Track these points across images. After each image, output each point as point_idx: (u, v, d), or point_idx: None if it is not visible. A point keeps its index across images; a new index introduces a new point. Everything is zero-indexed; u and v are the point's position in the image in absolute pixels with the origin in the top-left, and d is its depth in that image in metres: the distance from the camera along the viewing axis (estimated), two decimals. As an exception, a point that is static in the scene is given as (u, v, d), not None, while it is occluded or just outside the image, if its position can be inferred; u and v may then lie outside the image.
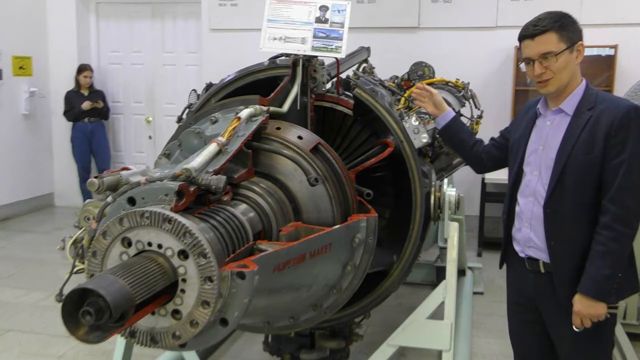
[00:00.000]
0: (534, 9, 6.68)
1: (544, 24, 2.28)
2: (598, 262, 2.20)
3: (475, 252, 6.21)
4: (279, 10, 2.77)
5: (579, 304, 2.25)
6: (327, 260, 2.16)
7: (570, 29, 2.28)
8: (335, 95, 2.90)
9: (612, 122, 2.19)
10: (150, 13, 7.93)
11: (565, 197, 2.27)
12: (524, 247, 2.45)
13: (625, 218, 2.18)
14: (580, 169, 2.24)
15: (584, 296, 2.23)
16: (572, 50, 2.28)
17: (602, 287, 2.21)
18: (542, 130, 2.41)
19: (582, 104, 2.30)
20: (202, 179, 1.83)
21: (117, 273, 1.41)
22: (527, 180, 2.43)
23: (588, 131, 2.23)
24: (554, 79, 2.30)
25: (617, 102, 2.28)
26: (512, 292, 2.64)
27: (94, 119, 7.65)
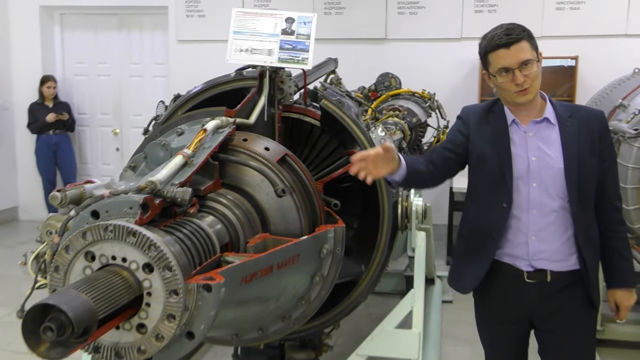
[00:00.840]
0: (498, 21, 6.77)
1: (516, 33, 2.23)
2: (626, 255, 2.36)
3: (444, 260, 6.26)
4: (245, 22, 2.77)
5: (623, 296, 2.39)
6: (295, 271, 2.16)
7: (534, 38, 2.29)
8: (303, 107, 2.91)
9: (600, 126, 2.31)
10: (116, 24, 7.85)
11: (587, 202, 2.30)
12: (531, 260, 2.32)
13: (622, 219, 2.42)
14: (590, 173, 2.28)
15: (626, 289, 2.37)
16: (537, 59, 2.27)
17: (634, 277, 2.37)
18: (525, 141, 2.31)
19: (559, 113, 2.33)
20: (167, 191, 1.82)
21: (80, 288, 1.39)
22: (525, 193, 2.30)
23: (585, 136, 2.28)
24: (532, 87, 2.25)
25: (589, 109, 2.44)
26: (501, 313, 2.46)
27: (59, 131, 7.53)
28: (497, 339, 2.53)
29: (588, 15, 6.51)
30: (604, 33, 6.50)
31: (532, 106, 2.32)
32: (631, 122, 3.78)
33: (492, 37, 2.26)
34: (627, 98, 4.34)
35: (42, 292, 1.69)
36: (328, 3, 7.03)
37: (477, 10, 6.74)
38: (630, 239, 3.84)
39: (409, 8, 6.90)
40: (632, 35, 6.43)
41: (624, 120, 4.00)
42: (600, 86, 5.90)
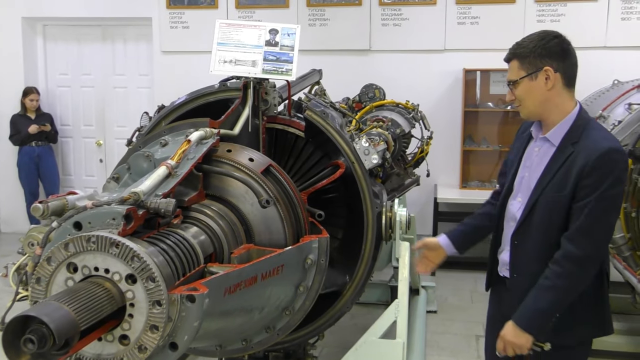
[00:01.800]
0: (480, 33, 6.86)
1: (510, 51, 2.27)
2: (538, 294, 2.17)
3: (429, 271, 6.28)
4: (229, 33, 2.78)
5: (507, 329, 2.23)
6: (279, 281, 2.16)
7: (535, 55, 2.19)
8: (287, 118, 2.92)
9: (586, 163, 2.11)
10: (100, 35, 7.82)
11: (532, 233, 2.24)
12: (502, 268, 2.42)
13: (578, 259, 2.12)
14: (549, 207, 2.19)
15: (513, 323, 2.21)
16: (533, 78, 2.19)
17: (532, 320, 2.18)
18: (531, 155, 2.34)
19: (568, 136, 2.21)
20: (150, 202, 1.82)
21: (61, 299, 1.38)
22: (510, 204, 2.37)
23: (565, 168, 2.16)
24: (522, 106, 2.26)
25: (597, 141, 2.15)
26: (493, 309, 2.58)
27: (42, 143, 7.46)
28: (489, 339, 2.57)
29: (568, 27, 6.59)
30: (584, 45, 6.54)
31: (546, 122, 2.27)
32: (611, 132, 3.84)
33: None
34: (607, 109, 4.41)
35: (24, 304, 1.68)
36: (312, 14, 7.07)
37: (460, 22, 6.80)
38: (611, 248, 3.89)
39: (393, 20, 6.95)
40: (611, 48, 6.53)
41: (604, 130, 4.05)
42: (581, 97, 5.98)
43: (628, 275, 3.72)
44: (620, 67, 6.18)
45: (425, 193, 6.64)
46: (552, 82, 2.19)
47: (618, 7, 6.51)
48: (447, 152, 6.77)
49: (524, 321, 2.19)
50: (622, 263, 3.84)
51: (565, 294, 2.15)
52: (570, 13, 6.60)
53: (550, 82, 2.19)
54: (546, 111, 2.24)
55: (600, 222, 2.13)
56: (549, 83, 2.19)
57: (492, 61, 6.61)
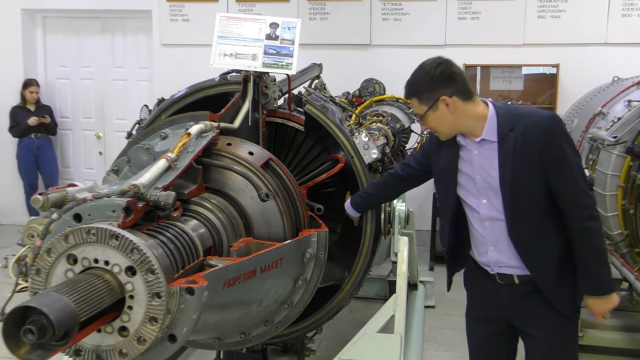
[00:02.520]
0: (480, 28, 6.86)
1: (407, 91, 2.43)
2: (590, 263, 2.30)
3: (428, 266, 6.29)
4: (230, 26, 2.78)
5: (596, 306, 2.37)
6: (278, 275, 2.17)
7: (429, 89, 2.32)
8: (287, 112, 2.92)
9: (540, 134, 2.24)
10: (99, 28, 7.80)
11: (525, 219, 2.31)
12: (494, 267, 2.44)
13: (590, 215, 2.28)
14: (528, 189, 2.28)
15: (595, 297, 2.35)
16: (435, 108, 2.31)
17: (605, 284, 2.33)
18: (471, 160, 2.39)
19: (501, 127, 2.30)
20: (150, 195, 1.82)
21: (61, 290, 1.38)
22: (477, 207, 2.41)
23: (520, 152, 2.26)
24: (438, 132, 2.40)
25: (533, 115, 2.30)
26: (476, 309, 2.61)
27: (41, 135, 7.46)
28: (475, 335, 2.62)
29: (569, 23, 6.60)
30: (584, 41, 6.59)
31: (472, 130, 2.35)
32: (610, 129, 3.83)
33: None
34: (606, 106, 4.40)
35: (23, 295, 1.68)
36: (313, 9, 7.06)
37: (461, 18, 6.79)
38: (609, 245, 3.90)
39: (393, 14, 6.94)
40: (611, 44, 6.53)
41: (603, 127, 4.05)
42: (581, 93, 6.00)
43: (625, 272, 3.72)
44: (620, 63, 6.19)
45: (425, 188, 6.55)
46: (453, 106, 2.30)
47: (619, 3, 6.51)
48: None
49: (600, 291, 2.34)
50: (620, 260, 3.85)
51: (602, 246, 2.31)
52: (571, 9, 6.60)
53: (451, 107, 2.30)
54: (462, 127, 2.35)
55: (582, 179, 2.29)
56: (451, 107, 2.30)
57: (492, 57, 6.63)
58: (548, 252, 2.34)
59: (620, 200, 3.64)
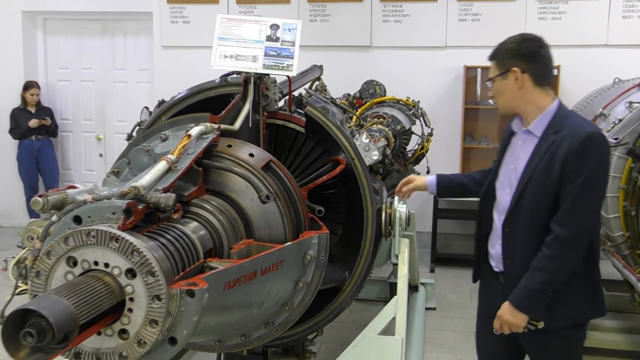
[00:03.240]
0: (481, 30, 6.86)
1: (492, 51, 2.41)
2: (530, 275, 2.27)
3: (428, 268, 6.29)
4: (230, 28, 2.78)
5: (503, 309, 2.34)
6: (278, 277, 2.16)
7: (507, 56, 2.35)
8: (288, 113, 2.92)
9: (570, 149, 2.21)
10: (100, 29, 7.81)
11: (522, 218, 2.33)
12: (498, 263, 2.48)
13: (567, 241, 2.22)
14: (537, 192, 2.28)
15: (509, 303, 2.32)
16: (505, 77, 2.34)
17: (525, 300, 2.29)
18: (514, 148, 2.46)
19: (550, 127, 2.31)
20: (150, 196, 1.81)
21: (61, 293, 1.38)
22: (500, 197, 2.47)
23: (549, 156, 2.26)
24: (497, 102, 2.44)
25: (578, 128, 2.26)
26: (484, 306, 2.66)
27: (42, 137, 7.46)
28: (480, 329, 2.69)
29: (569, 25, 6.59)
30: (585, 43, 6.58)
31: (526, 116, 2.40)
32: (611, 131, 3.84)
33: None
34: (607, 107, 4.40)
35: (23, 298, 1.68)
36: (313, 10, 7.06)
37: (461, 19, 6.79)
38: (610, 247, 3.89)
39: (394, 16, 6.94)
40: (612, 46, 6.52)
41: (604, 129, 4.05)
42: (582, 95, 6.00)
43: (627, 273, 3.72)
44: (621, 65, 6.18)
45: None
46: (521, 82, 2.33)
47: (619, 5, 6.50)
48: (447, 149, 6.78)
49: (518, 301, 2.30)
50: (621, 261, 3.84)
51: (555, 273, 2.25)
52: (572, 11, 6.59)
53: (519, 82, 2.33)
54: (520, 107, 2.38)
55: (585, 205, 2.22)
56: (518, 82, 2.33)
57: (493, 58, 6.62)
58: (528, 259, 2.30)
59: (622, 202, 3.64)
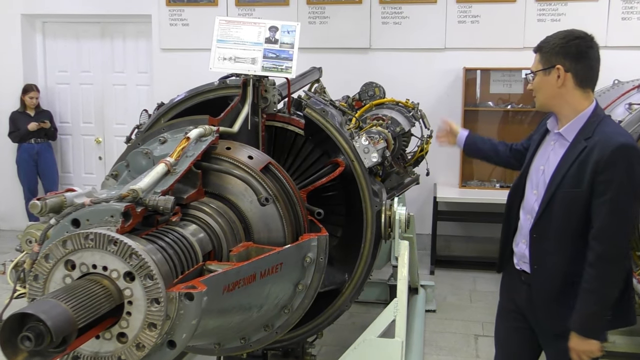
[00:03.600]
0: (481, 32, 6.84)
1: (538, 44, 2.41)
2: (584, 299, 2.23)
3: (428, 270, 6.28)
4: (229, 30, 2.77)
5: (573, 340, 2.29)
6: (278, 279, 2.16)
7: (552, 52, 2.32)
8: (287, 115, 2.91)
9: (600, 159, 2.17)
10: (99, 32, 7.80)
11: (551, 226, 2.31)
12: (519, 261, 2.51)
13: (609, 257, 2.19)
14: (567, 201, 2.26)
15: (575, 334, 2.27)
16: (547, 73, 2.32)
17: (589, 325, 2.25)
18: (547, 149, 2.44)
19: (582, 132, 2.29)
20: (149, 199, 1.81)
21: (59, 297, 1.37)
22: (527, 196, 2.47)
23: (578, 164, 2.23)
24: (536, 97, 2.42)
25: (610, 136, 2.22)
26: (505, 299, 2.67)
27: (41, 140, 7.45)
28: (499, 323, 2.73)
29: (569, 26, 6.51)
30: (585, 45, 6.59)
31: (561, 117, 2.38)
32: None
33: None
34: (607, 109, 4.39)
35: (21, 302, 1.67)
36: (312, 12, 7.06)
37: (461, 21, 6.79)
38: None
39: (393, 18, 6.94)
40: (612, 47, 6.51)
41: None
42: (581, 97, 5.98)
43: (627, 275, 3.71)
44: (620, 66, 6.15)
45: (425, 192, 6.64)
46: (562, 81, 2.30)
47: (618, 6, 6.50)
48: (447, 151, 6.72)
49: (583, 329, 2.26)
50: (622, 263, 3.83)
51: (607, 292, 2.22)
52: (571, 12, 6.59)
53: (561, 80, 2.30)
54: (557, 106, 2.36)
55: (622, 218, 2.20)
56: (559, 81, 2.30)
57: (492, 60, 6.61)
58: (555, 266, 2.32)
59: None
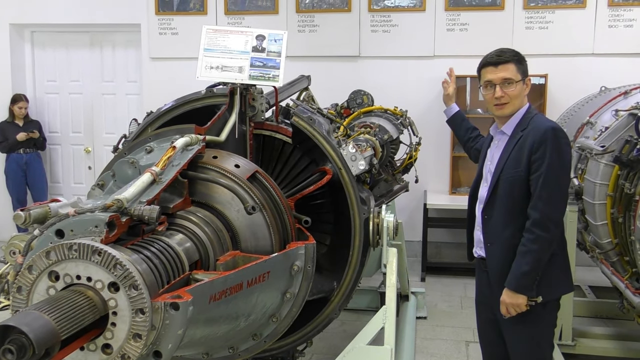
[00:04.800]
0: (469, 40, 6.88)
1: (506, 56, 2.66)
2: (519, 260, 2.54)
3: (419, 277, 6.28)
4: (216, 39, 2.78)
5: (504, 294, 2.58)
6: (265, 288, 2.15)
7: (524, 65, 2.69)
8: (275, 124, 2.91)
9: (534, 141, 2.54)
10: (88, 41, 7.78)
11: (498, 205, 2.64)
12: (477, 248, 2.81)
13: (543, 223, 2.50)
14: (510, 182, 2.60)
15: (507, 289, 2.57)
16: (524, 82, 2.67)
17: (520, 282, 2.54)
18: (491, 148, 2.80)
19: (519, 126, 2.65)
20: (134, 209, 1.80)
21: (42, 308, 1.36)
22: (481, 190, 2.79)
23: (517, 149, 2.59)
24: (510, 104, 2.66)
25: (541, 123, 2.60)
26: (477, 294, 2.93)
27: (30, 150, 7.41)
28: (477, 317, 2.96)
29: (556, 34, 6.64)
30: (572, 52, 6.63)
31: (507, 119, 2.70)
32: (598, 139, 3.85)
33: (487, 56, 2.71)
34: (594, 115, 4.43)
35: (5, 314, 1.66)
36: (302, 21, 7.08)
37: (449, 29, 6.83)
38: (599, 254, 3.90)
39: (382, 26, 6.97)
40: (599, 55, 6.57)
41: (591, 137, 4.07)
42: (569, 103, 6.03)
43: (616, 280, 3.73)
44: (607, 73, 6.22)
45: (415, 199, 6.66)
46: (528, 89, 2.72)
47: (605, 14, 6.56)
48: (436, 159, 6.79)
49: (513, 284, 2.55)
50: (610, 268, 3.85)
51: (539, 254, 2.51)
52: (558, 20, 6.64)
53: (528, 89, 2.72)
54: (518, 109, 2.69)
55: (553, 188, 2.51)
56: (527, 89, 2.72)
57: (481, 67, 6.65)
58: (506, 241, 2.60)
59: (609, 209, 3.65)
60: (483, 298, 2.85)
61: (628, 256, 3.58)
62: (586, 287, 5.33)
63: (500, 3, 6.72)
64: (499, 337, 2.78)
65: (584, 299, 5.02)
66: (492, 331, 2.83)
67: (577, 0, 6.60)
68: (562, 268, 2.68)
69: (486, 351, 2.96)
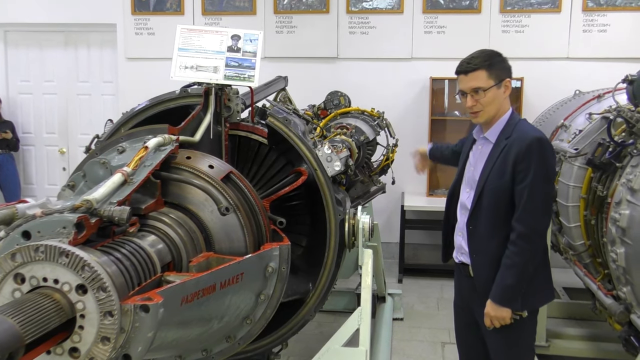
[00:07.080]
0: (446, 42, 6.93)
1: (475, 63, 2.57)
2: (503, 273, 2.50)
3: (396, 278, 6.29)
4: (190, 39, 2.75)
5: (488, 307, 2.55)
6: (239, 290, 2.13)
7: (499, 67, 2.57)
8: (250, 124, 2.89)
9: (519, 151, 2.47)
10: (62, 41, 7.67)
11: (483, 217, 2.59)
12: (458, 254, 2.76)
13: (527, 235, 2.46)
14: (494, 193, 2.54)
15: (491, 301, 2.54)
16: (499, 86, 2.57)
17: (505, 295, 2.51)
18: (475, 153, 2.73)
19: (502, 133, 2.59)
20: (104, 210, 1.77)
21: (5, 311, 1.32)
22: (462, 196, 2.74)
23: (502, 159, 2.53)
24: (483, 112, 2.59)
25: (526, 132, 2.53)
26: (456, 297, 2.93)
27: (2, 151, 7.29)
28: (456, 320, 2.95)
29: (532, 38, 6.71)
30: (547, 56, 6.71)
31: (489, 125, 2.65)
32: (572, 141, 3.90)
33: (460, 62, 2.64)
34: (568, 119, 4.48)
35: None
36: (280, 22, 7.05)
37: (427, 32, 6.87)
38: (572, 255, 3.94)
39: (360, 28, 6.98)
40: (573, 59, 6.66)
41: (565, 140, 4.12)
42: (545, 106, 6.10)
43: (588, 282, 3.77)
44: (581, 77, 6.31)
45: (393, 201, 6.67)
46: (508, 91, 2.61)
47: (580, 19, 6.65)
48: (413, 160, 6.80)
49: (498, 297, 2.52)
50: (583, 270, 3.89)
51: (524, 267, 2.48)
52: (534, 24, 6.72)
53: (507, 92, 2.61)
54: (497, 115, 2.62)
55: (538, 200, 2.47)
56: (507, 91, 2.62)
57: (458, 70, 6.69)
58: (491, 252, 2.55)
59: (582, 211, 3.69)
60: (462, 303, 2.83)
61: (600, 258, 3.62)
62: (560, 289, 5.39)
63: (477, 6, 6.78)
64: (478, 340, 2.77)
65: (557, 300, 5.07)
66: (471, 335, 2.83)
67: (552, 5, 6.69)
68: (545, 277, 2.67)
69: (463, 353, 2.95)
